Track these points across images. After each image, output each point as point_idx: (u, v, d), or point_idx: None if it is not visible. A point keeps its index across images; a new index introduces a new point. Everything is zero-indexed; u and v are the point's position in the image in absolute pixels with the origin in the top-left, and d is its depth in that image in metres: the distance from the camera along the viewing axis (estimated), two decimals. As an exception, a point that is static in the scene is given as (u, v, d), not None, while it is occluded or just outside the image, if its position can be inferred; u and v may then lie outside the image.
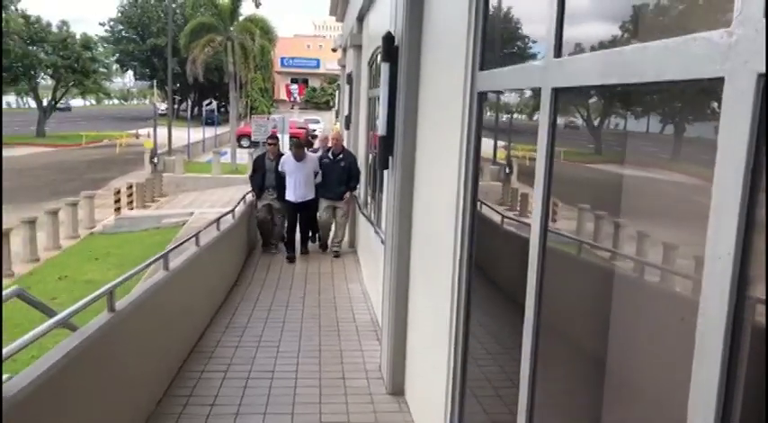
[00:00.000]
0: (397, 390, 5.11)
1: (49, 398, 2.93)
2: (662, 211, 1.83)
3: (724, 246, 1.23)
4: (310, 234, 10.71)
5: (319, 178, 9.90)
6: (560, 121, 2.18)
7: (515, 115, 3.26)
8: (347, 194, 9.83)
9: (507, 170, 3.52)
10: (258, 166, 10.34)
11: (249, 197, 10.63)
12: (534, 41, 2.65)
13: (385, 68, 4.99)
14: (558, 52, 2.12)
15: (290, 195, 9.77)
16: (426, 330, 4.34)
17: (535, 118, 2.35)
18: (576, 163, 2.44)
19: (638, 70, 1.56)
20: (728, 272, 1.22)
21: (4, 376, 2.80)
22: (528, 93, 2.76)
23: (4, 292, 3.06)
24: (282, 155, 10.21)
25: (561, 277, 2.41)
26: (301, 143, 10.16)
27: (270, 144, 10.50)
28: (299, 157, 9.65)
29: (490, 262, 3.47)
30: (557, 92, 2.12)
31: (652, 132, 1.88)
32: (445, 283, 3.62)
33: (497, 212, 3.70)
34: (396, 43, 4.93)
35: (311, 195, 9.86)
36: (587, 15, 2.20)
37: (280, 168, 9.84)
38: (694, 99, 1.61)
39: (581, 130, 2.36)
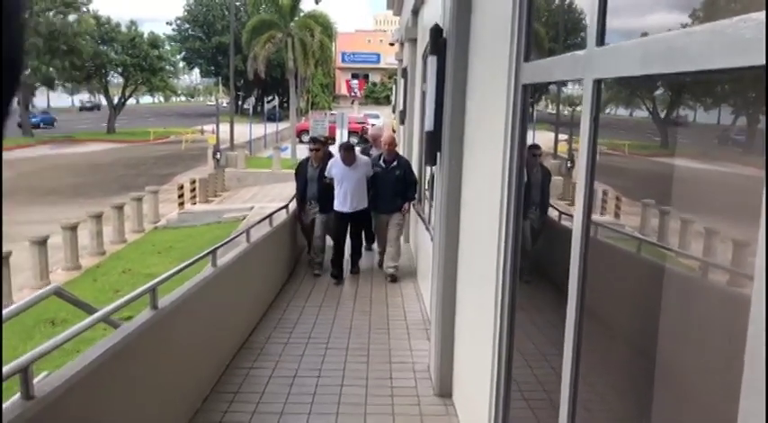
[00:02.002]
0: (445, 391, 4.98)
1: (85, 396, 2.93)
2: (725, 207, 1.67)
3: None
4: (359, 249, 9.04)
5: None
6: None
7: (578, 108, 3.08)
8: (405, 206, 8.62)
9: (569, 164, 3.35)
10: (299, 173, 8.91)
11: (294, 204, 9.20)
12: (576, 29, 2.48)
13: (432, 61, 4.85)
14: (600, 40, 1.95)
15: (339, 205, 8.33)
16: (472, 330, 4.21)
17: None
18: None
19: (683, 58, 1.39)
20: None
21: (42, 374, 2.83)
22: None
23: (43, 290, 3.10)
24: (332, 156, 8.83)
25: (610, 273, 2.26)
26: (351, 146, 8.74)
27: (312, 150, 8.88)
28: (348, 160, 8.29)
29: (548, 260, 3.30)
30: (599, 83, 1.95)
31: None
32: (489, 281, 3.48)
33: (554, 208, 3.53)
34: (444, 35, 4.79)
35: (364, 204, 8.43)
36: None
37: (327, 173, 8.41)
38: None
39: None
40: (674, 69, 1.48)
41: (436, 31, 4.84)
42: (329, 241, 8.89)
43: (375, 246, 9.49)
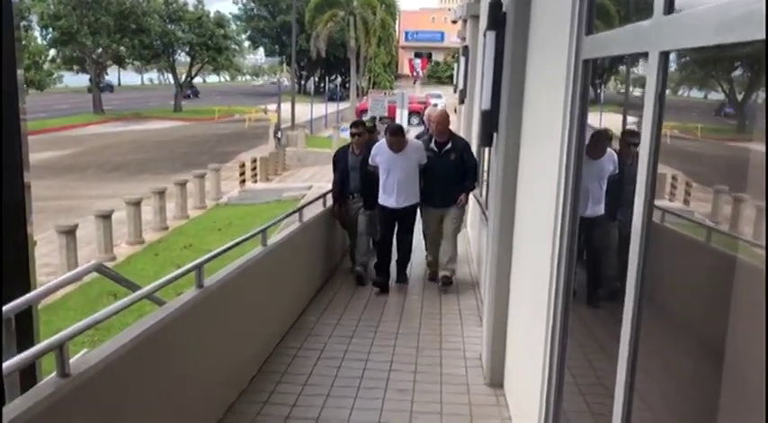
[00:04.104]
0: (496, 381, 4.81)
1: (124, 374, 2.90)
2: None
3: None
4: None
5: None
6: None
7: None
8: (462, 197, 7.18)
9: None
10: (337, 162, 7.65)
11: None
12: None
13: (491, 37, 4.64)
14: (669, 8, 1.73)
15: (385, 199, 7.01)
16: (524, 319, 4.02)
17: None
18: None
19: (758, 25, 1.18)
20: None
21: (83, 351, 2.81)
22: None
23: (84, 266, 3.10)
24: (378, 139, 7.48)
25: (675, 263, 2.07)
26: (400, 128, 7.24)
27: (354, 134, 7.51)
28: (397, 146, 6.86)
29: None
30: (666, 56, 1.73)
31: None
32: (543, 271, 3.29)
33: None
34: (503, 9, 4.55)
35: (414, 199, 7.06)
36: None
37: (371, 161, 7.07)
38: None
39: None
40: (750, 37, 1.27)
41: (496, 5, 4.61)
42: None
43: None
